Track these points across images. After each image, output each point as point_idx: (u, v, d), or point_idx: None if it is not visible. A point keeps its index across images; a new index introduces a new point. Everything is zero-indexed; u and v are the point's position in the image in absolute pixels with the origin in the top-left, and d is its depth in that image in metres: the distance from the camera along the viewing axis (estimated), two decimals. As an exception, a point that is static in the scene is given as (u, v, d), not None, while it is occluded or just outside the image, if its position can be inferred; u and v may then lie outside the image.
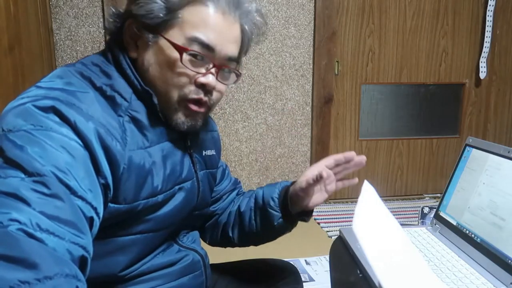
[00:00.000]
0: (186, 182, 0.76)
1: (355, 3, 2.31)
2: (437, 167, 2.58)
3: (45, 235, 0.47)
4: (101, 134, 0.60)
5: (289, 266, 1.02)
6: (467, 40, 2.45)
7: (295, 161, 2.39)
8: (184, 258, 0.79)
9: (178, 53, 0.68)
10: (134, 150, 0.66)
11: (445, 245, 0.87)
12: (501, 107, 2.57)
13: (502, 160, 0.82)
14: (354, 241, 0.85)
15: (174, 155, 0.74)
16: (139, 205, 0.67)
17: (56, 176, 0.53)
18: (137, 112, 0.68)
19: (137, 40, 0.71)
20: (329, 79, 2.32)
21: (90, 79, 0.66)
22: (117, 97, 0.67)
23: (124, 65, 0.70)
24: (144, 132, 0.69)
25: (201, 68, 0.70)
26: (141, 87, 0.69)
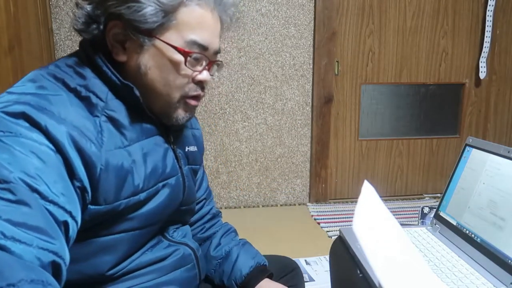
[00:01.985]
0: (171, 178, 0.76)
1: (355, 3, 2.31)
2: (437, 167, 2.58)
3: (10, 243, 0.46)
4: (74, 136, 0.59)
5: (290, 262, 1.02)
6: (467, 40, 2.45)
7: (295, 161, 2.39)
8: (175, 252, 0.79)
9: (181, 56, 0.69)
10: (111, 150, 0.65)
11: (445, 245, 0.87)
12: (501, 107, 2.57)
13: (502, 160, 0.82)
14: (354, 241, 0.85)
15: (155, 152, 0.74)
16: (121, 204, 0.67)
17: (25, 182, 0.52)
18: (114, 111, 0.68)
19: (124, 42, 0.70)
20: (329, 79, 2.32)
21: (64, 81, 0.65)
22: (92, 97, 0.66)
23: (99, 63, 0.69)
24: (122, 131, 0.68)
25: (198, 66, 0.73)
26: (120, 82, 0.69)
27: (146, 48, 0.69)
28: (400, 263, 0.65)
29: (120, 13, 0.67)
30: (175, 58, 0.69)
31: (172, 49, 0.69)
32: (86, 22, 0.70)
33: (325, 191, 2.43)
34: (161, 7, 0.66)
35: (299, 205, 2.42)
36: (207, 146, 2.28)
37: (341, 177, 2.50)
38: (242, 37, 2.21)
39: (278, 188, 2.40)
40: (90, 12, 0.69)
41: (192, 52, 0.70)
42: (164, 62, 0.70)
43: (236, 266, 0.89)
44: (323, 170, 2.41)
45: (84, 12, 0.70)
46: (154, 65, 0.70)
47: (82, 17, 0.70)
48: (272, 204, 2.40)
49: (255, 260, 0.90)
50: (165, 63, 0.70)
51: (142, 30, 0.68)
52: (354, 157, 2.49)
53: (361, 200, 0.67)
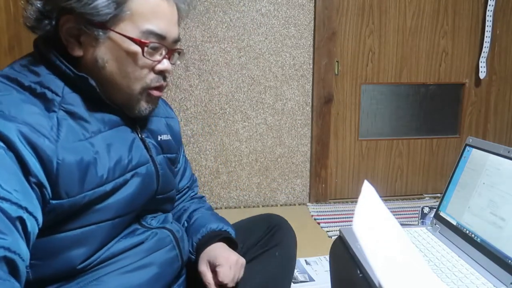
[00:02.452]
0: (140, 167, 0.75)
1: (355, 3, 2.31)
2: (437, 167, 2.58)
3: None
4: (25, 133, 0.59)
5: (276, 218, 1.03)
6: (467, 40, 2.45)
7: (295, 161, 2.39)
8: (150, 236, 0.78)
9: (138, 47, 0.69)
10: (70, 144, 0.64)
11: (445, 245, 0.87)
12: (501, 107, 2.57)
13: (502, 160, 0.82)
14: (354, 241, 0.85)
15: (120, 143, 0.73)
16: (85, 197, 0.66)
17: None
18: (71, 105, 0.67)
19: (78, 37, 0.69)
20: (329, 79, 2.32)
21: (17, 80, 0.65)
22: (47, 93, 0.66)
23: (52, 58, 0.68)
24: (83, 124, 0.68)
25: (157, 55, 0.72)
26: (74, 74, 0.68)
27: (101, 41, 0.68)
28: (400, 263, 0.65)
29: (71, 7, 0.66)
30: (132, 49, 0.69)
31: (128, 41, 0.68)
32: (38, 18, 0.69)
33: (325, 191, 2.43)
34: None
35: (299, 205, 2.42)
36: (207, 146, 2.28)
37: (341, 177, 2.50)
38: (242, 37, 2.21)
39: (278, 188, 2.40)
40: (41, 8, 0.68)
41: (149, 42, 0.69)
42: (121, 54, 0.69)
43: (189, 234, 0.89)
44: (323, 170, 2.41)
45: (34, 8, 0.68)
46: (111, 58, 0.69)
47: (34, 13, 0.69)
48: (272, 204, 2.40)
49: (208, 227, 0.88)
50: (122, 55, 0.69)
51: (96, 23, 0.67)
52: (354, 157, 2.49)
53: (361, 200, 0.67)
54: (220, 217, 0.94)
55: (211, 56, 2.20)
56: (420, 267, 0.68)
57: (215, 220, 0.92)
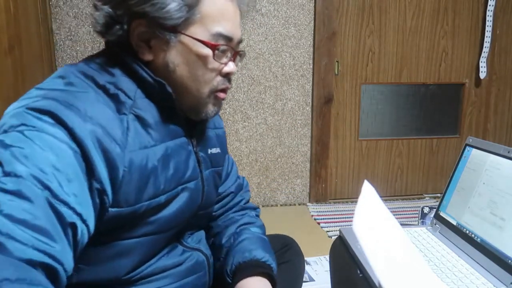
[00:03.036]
0: (190, 182, 0.75)
1: (355, 3, 2.31)
2: (437, 167, 2.58)
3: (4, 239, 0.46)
4: (99, 136, 0.58)
5: (286, 239, 1.02)
6: (467, 40, 2.45)
7: (295, 161, 2.39)
8: (189, 258, 0.78)
9: (209, 50, 0.68)
10: (136, 151, 0.64)
11: (445, 245, 0.87)
12: (501, 107, 2.57)
13: (502, 160, 0.82)
14: (354, 241, 0.85)
15: (178, 154, 0.72)
16: (142, 207, 0.66)
17: (37, 178, 0.51)
18: (141, 110, 0.67)
19: (149, 41, 0.68)
20: (329, 79, 2.32)
21: (93, 78, 0.65)
22: (120, 95, 0.65)
23: (129, 61, 0.68)
24: (149, 131, 0.67)
25: (224, 58, 0.71)
26: (152, 79, 0.67)
27: (172, 45, 0.68)
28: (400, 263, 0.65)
29: (144, 11, 0.65)
30: (203, 52, 0.68)
31: (199, 44, 0.68)
32: (107, 23, 0.68)
33: (325, 191, 2.43)
34: (185, 1, 0.65)
35: (299, 205, 2.42)
36: (207, 146, 2.28)
37: (341, 177, 2.50)
38: (242, 37, 2.21)
39: (278, 188, 2.40)
40: (112, 13, 0.67)
41: (219, 45, 0.69)
42: (191, 57, 0.69)
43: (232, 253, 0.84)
44: (323, 170, 2.40)
45: (104, 13, 0.67)
46: (182, 61, 0.69)
47: (102, 18, 0.68)
48: (272, 204, 2.40)
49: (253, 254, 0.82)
50: (193, 58, 0.69)
51: (167, 26, 0.66)
52: (354, 157, 2.49)
53: (361, 200, 0.67)
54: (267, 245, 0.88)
55: (211, 56, 2.20)
56: (420, 267, 0.68)
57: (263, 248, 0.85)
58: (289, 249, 0.99)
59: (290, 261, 0.96)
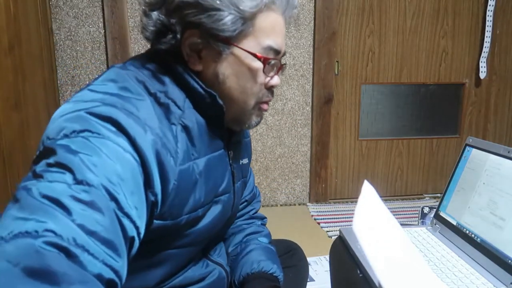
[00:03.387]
0: (224, 195, 0.74)
1: (355, 3, 2.31)
2: (437, 167, 2.58)
3: (80, 251, 0.44)
4: (158, 148, 0.57)
5: (290, 244, 1.02)
6: (467, 40, 2.45)
7: (295, 161, 2.39)
8: (212, 273, 0.78)
9: (260, 63, 0.68)
10: (183, 164, 0.63)
11: (445, 245, 0.87)
12: (501, 107, 2.57)
13: (502, 160, 0.82)
14: (354, 241, 0.85)
15: (217, 167, 0.72)
16: (182, 219, 0.65)
17: (106, 188, 0.49)
18: (190, 121, 0.65)
19: (200, 52, 0.67)
20: (329, 79, 2.32)
21: (145, 84, 0.63)
22: (171, 104, 0.64)
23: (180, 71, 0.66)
24: (194, 143, 0.66)
25: (272, 72, 0.72)
26: (203, 90, 0.67)
27: (224, 57, 0.67)
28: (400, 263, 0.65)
29: (200, 22, 0.64)
30: (254, 65, 0.68)
31: (251, 56, 0.67)
32: (159, 31, 0.67)
33: (325, 191, 2.43)
34: (241, 14, 0.64)
35: (299, 205, 2.42)
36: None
37: (341, 177, 2.50)
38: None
39: (278, 188, 2.40)
40: (165, 21, 0.66)
41: (270, 59, 0.69)
42: (242, 69, 0.68)
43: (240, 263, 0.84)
44: (323, 170, 2.41)
45: (155, 20, 0.67)
46: (232, 73, 0.68)
47: (153, 26, 0.67)
48: (272, 204, 2.40)
49: (261, 265, 0.83)
50: (244, 71, 0.68)
51: (221, 38, 0.65)
52: (354, 157, 2.49)
53: (361, 200, 0.67)
54: (274, 255, 0.89)
55: (211, 56, 2.20)
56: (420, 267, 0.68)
57: (271, 260, 0.86)
58: (293, 254, 0.99)
59: (295, 266, 0.97)
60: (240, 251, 0.86)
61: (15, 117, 1.48)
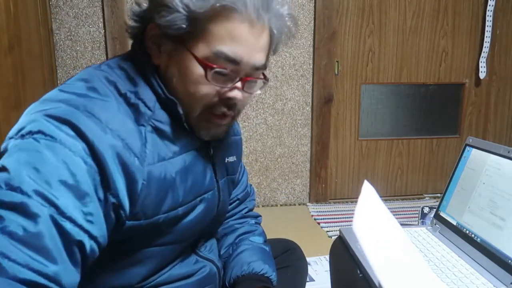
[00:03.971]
0: (208, 192, 0.74)
1: (355, 3, 2.31)
2: (437, 167, 2.58)
3: (0, 258, 0.46)
4: (119, 150, 0.57)
5: (288, 243, 1.02)
6: (467, 40, 2.45)
7: (295, 161, 2.39)
8: (202, 269, 0.77)
9: (201, 69, 0.64)
10: (154, 164, 0.63)
11: (445, 245, 0.87)
12: (501, 107, 2.57)
13: (502, 160, 0.82)
14: (354, 241, 0.85)
15: (196, 166, 0.71)
16: (159, 219, 0.65)
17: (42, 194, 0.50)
18: (160, 122, 0.65)
19: (160, 45, 0.67)
20: (329, 79, 2.32)
21: (116, 85, 0.63)
22: (140, 105, 0.64)
23: (148, 73, 0.67)
24: (167, 143, 0.66)
25: (227, 82, 0.66)
26: (165, 96, 0.66)
27: (174, 55, 0.66)
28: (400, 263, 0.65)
29: (152, 16, 0.65)
30: (195, 70, 0.64)
31: (194, 60, 0.64)
32: (135, 22, 0.69)
33: (325, 191, 2.43)
34: (190, 14, 0.62)
35: (299, 205, 2.42)
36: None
37: (341, 177, 2.50)
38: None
39: (278, 188, 2.40)
40: (137, 12, 0.68)
41: (214, 66, 0.63)
42: (186, 71, 0.65)
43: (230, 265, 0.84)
44: (323, 170, 2.40)
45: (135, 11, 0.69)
46: (177, 73, 0.66)
47: (133, 16, 0.69)
48: (272, 204, 2.40)
49: (252, 266, 0.81)
50: (187, 73, 0.65)
51: (171, 36, 0.65)
52: (354, 157, 2.49)
53: (361, 200, 0.67)
54: (267, 255, 0.87)
55: (211, 56, 2.20)
56: (420, 267, 0.68)
57: (262, 260, 0.84)
58: (292, 253, 0.99)
59: (293, 266, 0.96)
60: (232, 253, 0.85)
61: (15, 117, 1.47)
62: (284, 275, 0.91)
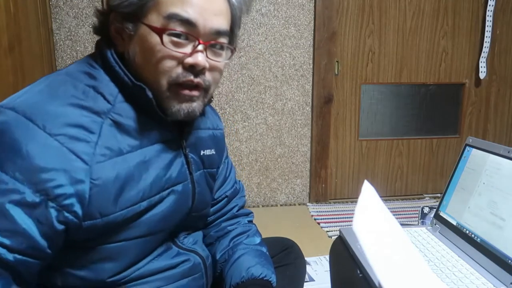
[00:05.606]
0: (177, 185, 0.73)
1: (355, 3, 2.31)
2: (437, 167, 2.58)
3: None
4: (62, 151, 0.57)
5: (286, 241, 1.01)
6: (467, 40, 2.45)
7: (295, 161, 2.39)
8: (185, 262, 0.76)
9: (157, 36, 0.63)
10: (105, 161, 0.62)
11: (445, 245, 0.87)
12: (501, 107, 2.57)
13: (502, 160, 0.82)
14: (354, 241, 0.85)
15: (160, 159, 0.69)
16: (119, 216, 0.64)
17: None
18: (120, 115, 0.65)
19: (122, 33, 0.68)
20: (329, 79, 2.32)
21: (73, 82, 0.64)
22: (99, 98, 0.64)
23: (112, 62, 0.66)
24: (126, 137, 0.65)
25: (187, 47, 0.65)
26: (132, 83, 0.65)
27: (133, 35, 0.67)
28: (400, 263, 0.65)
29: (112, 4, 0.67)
30: (153, 39, 0.64)
31: (149, 30, 0.64)
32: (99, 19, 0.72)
33: (325, 191, 2.43)
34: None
35: (299, 205, 2.42)
36: (207, 146, 2.28)
37: (341, 177, 2.50)
38: (242, 37, 2.21)
39: (278, 188, 2.40)
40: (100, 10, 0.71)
41: (168, 29, 0.63)
42: (145, 45, 0.65)
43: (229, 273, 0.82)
44: (323, 170, 2.41)
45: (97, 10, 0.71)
46: (139, 50, 0.66)
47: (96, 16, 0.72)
48: (272, 204, 2.40)
49: (251, 272, 0.80)
50: (146, 46, 0.65)
51: (128, 16, 0.66)
52: (354, 157, 2.49)
53: (361, 200, 0.67)
54: (264, 257, 0.85)
55: (211, 56, 2.20)
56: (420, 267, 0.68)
57: (260, 263, 0.83)
58: (290, 252, 0.98)
59: (291, 264, 0.96)
60: (228, 258, 0.84)
61: (15, 117, 1.47)
62: (283, 273, 0.91)
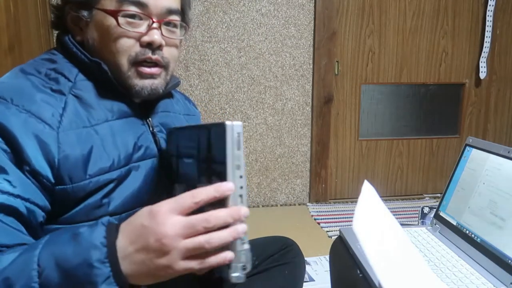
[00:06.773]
0: (144, 160, 0.74)
1: (355, 3, 2.31)
2: (437, 167, 2.58)
3: None
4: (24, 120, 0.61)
5: (286, 240, 1.02)
6: (467, 40, 2.45)
7: (295, 161, 2.39)
8: None
9: (113, 18, 0.68)
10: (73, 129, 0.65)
11: (445, 245, 0.87)
12: (501, 107, 2.57)
13: (502, 160, 0.82)
14: (354, 241, 0.85)
15: (127, 133, 0.72)
16: (89, 183, 0.66)
17: None
18: (81, 90, 0.69)
19: (79, 22, 0.73)
20: (329, 79, 2.32)
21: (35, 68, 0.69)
22: (60, 78, 0.69)
23: (69, 44, 0.71)
24: (90, 110, 0.69)
25: (142, 27, 0.70)
26: (89, 60, 0.70)
27: (89, 22, 0.71)
28: (400, 263, 0.65)
29: None
30: (108, 22, 0.69)
31: (104, 14, 0.69)
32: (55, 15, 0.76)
33: (325, 191, 2.43)
34: None
35: (299, 205, 2.42)
36: (207, 146, 2.28)
37: (341, 177, 2.50)
38: (242, 37, 2.21)
39: (278, 188, 2.40)
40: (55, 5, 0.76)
41: (121, 10, 0.68)
42: (102, 29, 0.70)
43: None
44: (323, 170, 2.41)
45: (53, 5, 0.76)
46: (97, 35, 0.71)
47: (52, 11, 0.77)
48: (272, 204, 2.40)
49: None
50: (103, 30, 0.70)
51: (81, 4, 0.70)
52: (354, 157, 2.49)
53: (361, 200, 0.67)
54: None
55: (211, 56, 2.20)
56: (420, 267, 0.68)
57: None
58: (289, 250, 0.99)
59: (291, 263, 0.96)
60: None
61: (15, 117, 1.47)
62: (282, 272, 0.91)
